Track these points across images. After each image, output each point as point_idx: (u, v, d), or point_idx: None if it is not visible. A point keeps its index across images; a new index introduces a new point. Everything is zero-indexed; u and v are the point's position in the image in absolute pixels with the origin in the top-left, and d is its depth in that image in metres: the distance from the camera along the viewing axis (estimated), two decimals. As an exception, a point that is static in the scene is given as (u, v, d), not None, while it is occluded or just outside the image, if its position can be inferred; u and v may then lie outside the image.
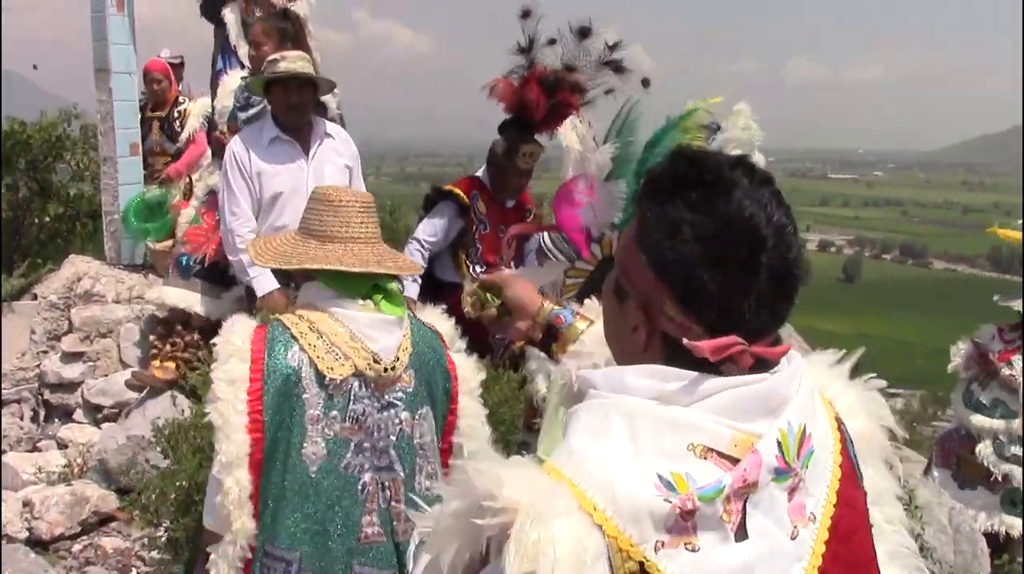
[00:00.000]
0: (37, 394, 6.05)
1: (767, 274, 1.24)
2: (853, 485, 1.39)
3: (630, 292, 1.32)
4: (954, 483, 6.11)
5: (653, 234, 1.27)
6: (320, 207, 2.55)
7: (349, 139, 5.18)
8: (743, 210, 1.25)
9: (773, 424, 1.25)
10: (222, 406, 2.36)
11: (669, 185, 1.29)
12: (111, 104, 6.51)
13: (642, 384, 1.26)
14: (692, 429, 1.21)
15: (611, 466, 1.18)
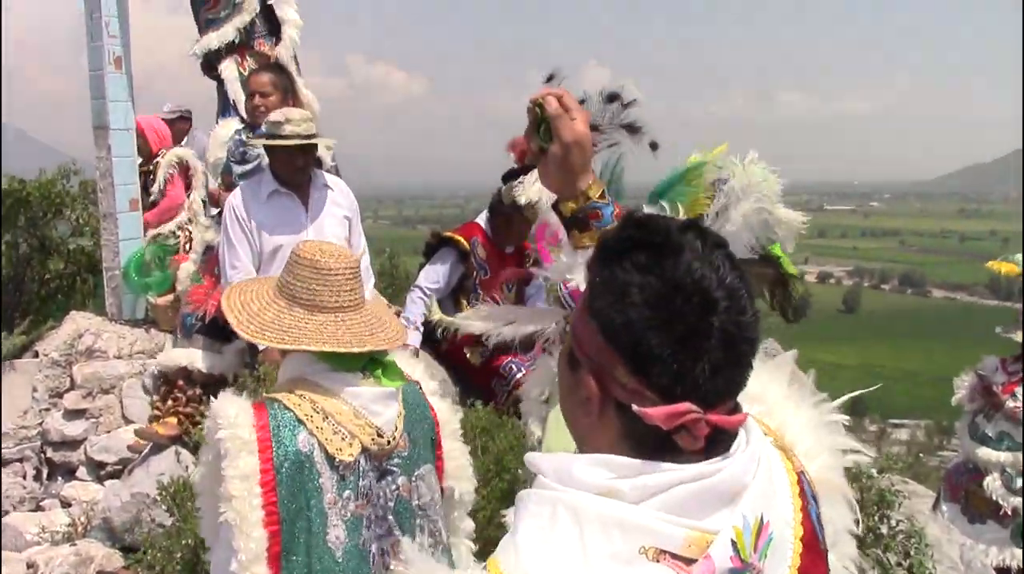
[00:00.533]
0: (39, 452, 6.03)
1: (719, 337, 1.20)
2: (814, 554, 1.35)
3: (582, 360, 1.28)
4: (963, 517, 6.08)
5: (601, 298, 1.25)
6: (307, 274, 2.47)
7: (348, 190, 5.22)
8: (692, 272, 1.22)
9: (728, 519, 1.21)
10: (238, 504, 2.28)
11: (617, 248, 1.27)
12: (110, 161, 6.54)
13: (589, 477, 1.21)
14: (643, 531, 1.16)
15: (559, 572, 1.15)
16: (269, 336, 2.42)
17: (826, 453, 1.53)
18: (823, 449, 1.54)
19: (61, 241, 8.55)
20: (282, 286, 2.52)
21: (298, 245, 2.55)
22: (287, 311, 2.47)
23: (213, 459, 2.39)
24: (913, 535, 3.84)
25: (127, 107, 6.64)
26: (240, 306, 2.51)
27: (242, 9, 6.19)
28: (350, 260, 2.52)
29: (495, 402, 5.06)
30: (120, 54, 6.55)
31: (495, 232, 5.53)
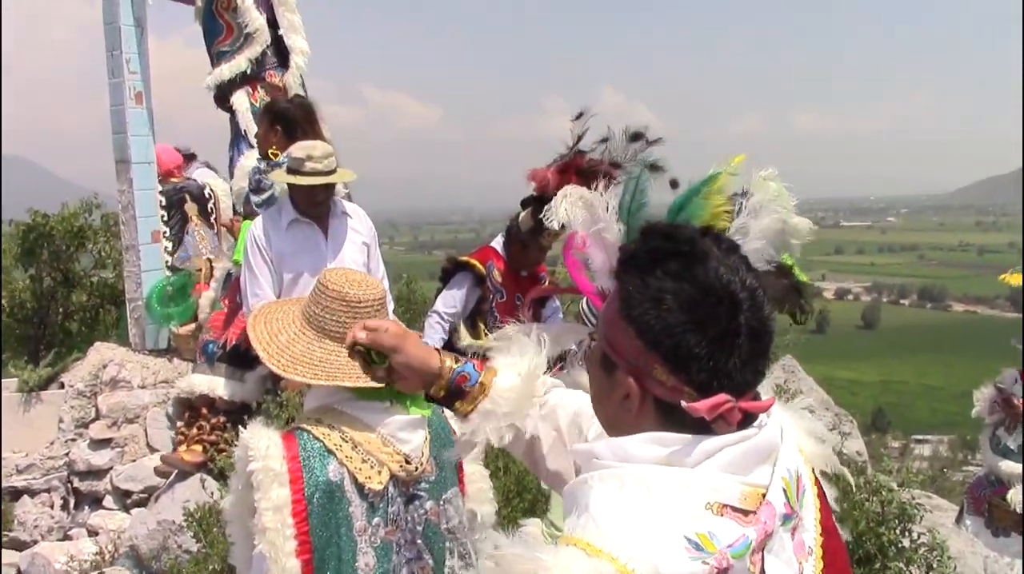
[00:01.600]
0: (66, 482, 6.09)
1: (746, 334, 1.34)
2: (828, 510, 1.49)
3: (618, 363, 1.40)
4: (987, 531, 6.06)
5: (638, 306, 1.36)
6: (336, 306, 2.46)
7: (366, 216, 5.27)
8: (720, 277, 1.35)
9: (773, 473, 1.34)
10: (272, 535, 2.31)
11: (647, 259, 1.39)
12: (132, 194, 6.65)
13: (646, 451, 1.33)
14: (705, 488, 1.29)
15: (642, 535, 1.23)
16: (302, 371, 2.40)
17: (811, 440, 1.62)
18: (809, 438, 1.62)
19: (84, 274, 8.66)
20: (309, 317, 2.51)
21: (324, 274, 2.54)
22: (316, 343, 2.46)
23: (243, 489, 2.42)
24: (935, 548, 3.84)
25: (148, 141, 6.75)
26: (268, 337, 2.51)
27: (253, 40, 6.29)
28: (377, 290, 2.52)
29: (515, 424, 5.09)
30: (140, 89, 6.67)
31: (511, 257, 5.57)
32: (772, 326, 1.39)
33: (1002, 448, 6.13)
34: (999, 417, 6.20)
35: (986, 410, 6.30)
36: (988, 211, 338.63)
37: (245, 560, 2.52)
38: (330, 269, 2.60)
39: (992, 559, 4.88)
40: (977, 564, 4.70)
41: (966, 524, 6.10)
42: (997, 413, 6.21)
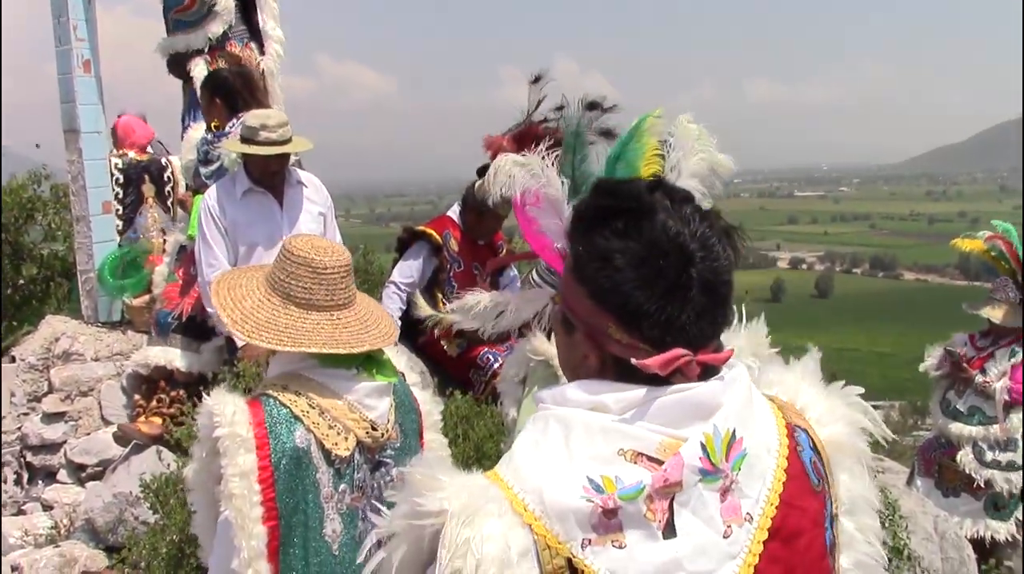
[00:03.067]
0: (19, 457, 6.01)
1: (699, 286, 1.33)
2: (805, 489, 1.44)
3: (575, 323, 1.41)
4: (937, 491, 6.20)
5: (587, 266, 1.36)
6: (302, 273, 2.45)
7: (321, 186, 5.23)
8: (668, 230, 1.34)
9: (700, 428, 1.33)
10: (238, 502, 2.30)
11: (594, 218, 1.39)
12: (81, 164, 6.52)
13: (580, 396, 1.36)
14: (622, 435, 1.30)
15: (544, 470, 1.29)
16: (267, 337, 2.40)
17: (841, 422, 1.59)
18: (838, 419, 1.59)
19: (34, 246, 8.49)
20: (274, 283, 2.49)
21: (290, 240, 2.53)
22: (282, 309, 2.45)
23: (208, 456, 2.41)
24: (888, 508, 3.92)
25: (97, 110, 6.62)
26: (232, 303, 2.49)
27: (216, 16, 6.12)
28: (343, 257, 2.51)
29: (473, 392, 5.11)
30: (89, 57, 6.52)
31: (467, 225, 5.57)
32: (728, 276, 1.38)
33: (952, 410, 6.26)
34: (950, 380, 6.33)
35: (935, 366, 6.42)
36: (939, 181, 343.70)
37: (208, 528, 2.52)
38: (295, 235, 2.59)
39: (942, 518, 4.99)
40: (928, 523, 4.80)
41: (917, 485, 6.23)
42: (945, 369, 6.33)
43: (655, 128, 2.94)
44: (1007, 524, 6.02)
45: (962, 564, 4.78)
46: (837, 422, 1.59)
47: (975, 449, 6.09)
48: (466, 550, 1.22)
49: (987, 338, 6.26)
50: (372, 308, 2.60)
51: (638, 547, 1.27)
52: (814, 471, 1.47)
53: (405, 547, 1.32)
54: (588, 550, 1.25)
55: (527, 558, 1.24)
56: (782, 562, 1.38)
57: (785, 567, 1.38)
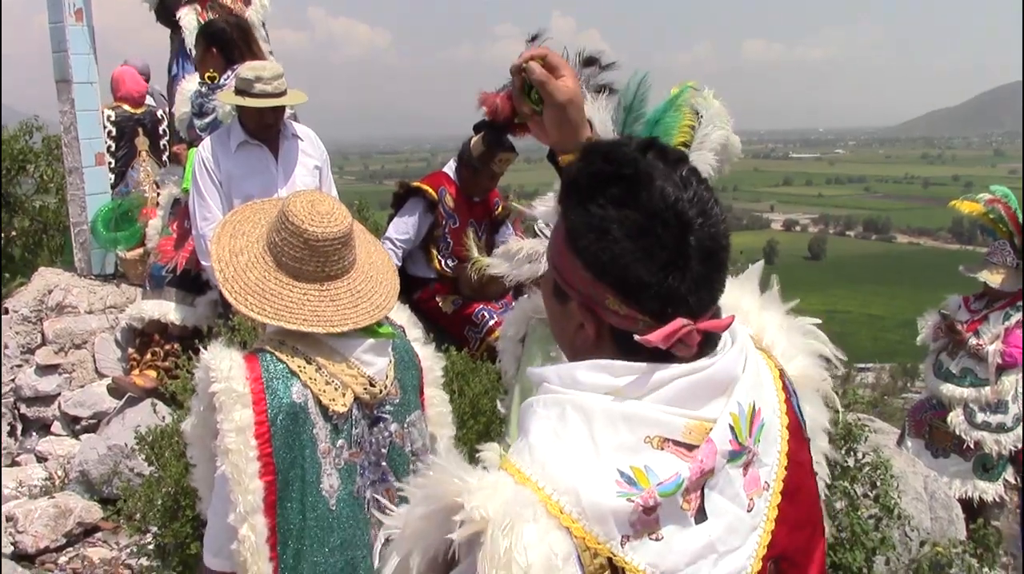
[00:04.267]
0: (13, 409, 6.02)
1: (699, 253, 1.28)
2: (799, 441, 1.46)
3: (570, 294, 1.35)
4: (927, 452, 6.24)
5: (583, 237, 1.30)
6: (293, 241, 2.39)
7: (317, 140, 5.19)
8: (666, 197, 1.28)
9: (724, 407, 1.30)
10: (235, 457, 2.29)
11: (588, 185, 1.32)
12: (73, 115, 6.46)
13: (594, 380, 1.29)
14: (647, 422, 1.25)
15: (573, 467, 1.22)
16: (251, 303, 2.37)
17: (801, 354, 1.60)
18: (798, 350, 1.60)
19: (26, 198, 8.44)
20: (270, 244, 2.44)
21: (290, 200, 2.45)
22: (272, 273, 2.42)
23: (205, 410, 2.39)
24: (879, 467, 3.94)
25: (89, 60, 6.54)
26: (229, 256, 2.45)
27: None
28: (343, 224, 2.42)
29: (468, 349, 5.11)
30: (80, 6, 6.43)
31: (463, 182, 5.54)
32: (727, 241, 1.34)
33: (944, 372, 6.28)
34: (943, 343, 6.35)
35: (930, 336, 6.44)
36: (934, 144, 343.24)
37: (206, 482, 2.51)
38: (298, 194, 2.49)
39: (932, 478, 5.03)
40: (918, 483, 4.84)
41: (907, 445, 6.27)
42: (941, 339, 6.35)
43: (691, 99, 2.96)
44: (995, 485, 6.07)
45: (951, 523, 4.82)
46: (798, 355, 1.60)
47: (966, 411, 6.12)
48: (509, 559, 1.16)
49: (981, 301, 6.27)
50: (372, 273, 2.54)
51: (675, 537, 1.25)
52: (801, 417, 1.49)
53: (425, 549, 1.26)
54: (627, 546, 1.22)
55: (570, 562, 1.19)
56: (789, 520, 1.39)
57: (791, 524, 1.39)
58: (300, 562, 2.43)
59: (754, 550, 1.34)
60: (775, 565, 1.38)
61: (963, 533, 4.79)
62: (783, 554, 1.39)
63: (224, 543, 2.38)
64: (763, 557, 1.35)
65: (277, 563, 2.40)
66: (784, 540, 1.38)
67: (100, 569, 4.62)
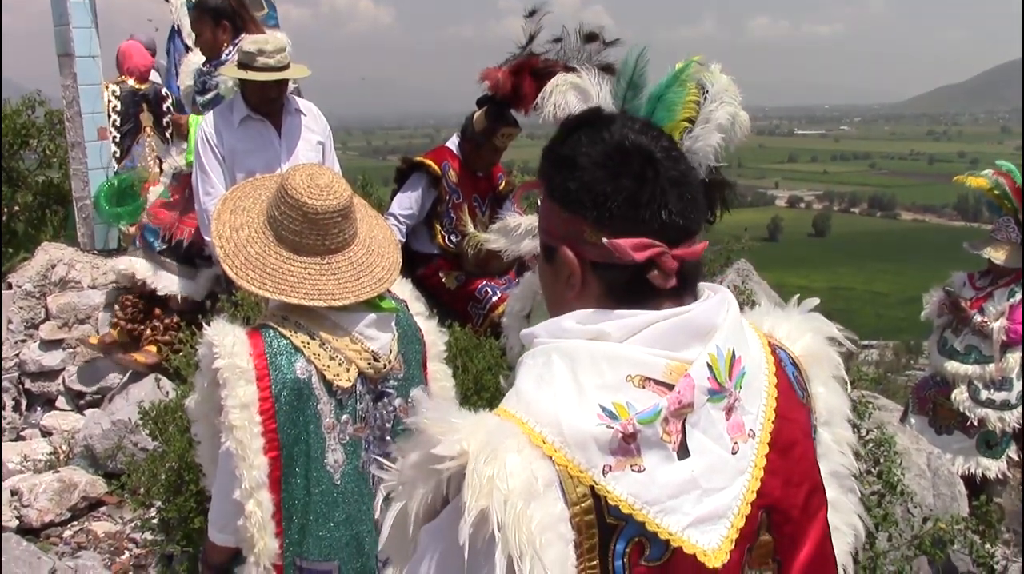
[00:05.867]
0: (18, 383, 6.03)
1: (666, 183, 1.35)
2: (793, 401, 1.48)
3: (554, 244, 1.41)
4: (931, 429, 6.24)
5: (555, 178, 1.39)
6: (292, 214, 2.40)
7: (320, 115, 5.16)
8: (627, 135, 1.38)
9: (703, 350, 1.34)
10: (239, 433, 2.30)
11: (559, 136, 1.43)
12: (76, 89, 6.44)
13: (578, 326, 1.35)
14: (628, 362, 1.30)
15: (556, 403, 1.27)
16: (251, 278, 2.38)
17: (810, 334, 1.62)
18: (806, 330, 1.62)
19: (29, 173, 8.42)
20: (270, 218, 2.45)
21: (289, 174, 2.45)
22: (272, 247, 2.42)
23: (209, 386, 2.40)
24: (883, 443, 3.94)
25: (91, 33, 6.51)
26: (229, 231, 2.45)
27: None
28: (342, 198, 2.42)
29: (471, 325, 5.10)
30: (81, -21, 6.40)
31: (466, 157, 5.51)
32: (695, 180, 1.40)
33: (948, 349, 6.26)
34: (947, 319, 6.33)
35: (935, 313, 6.43)
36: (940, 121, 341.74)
37: (211, 458, 2.52)
38: (297, 168, 2.49)
39: (935, 455, 5.02)
40: (921, 460, 4.83)
41: (911, 422, 6.27)
42: (945, 316, 6.34)
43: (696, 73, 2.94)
44: (998, 462, 6.07)
45: (953, 500, 4.82)
46: (805, 334, 1.62)
47: (970, 388, 6.11)
48: (491, 487, 1.19)
49: (986, 278, 6.25)
50: (374, 247, 2.54)
51: (657, 470, 1.28)
52: (798, 385, 1.52)
53: (421, 493, 1.29)
54: (609, 476, 1.25)
55: (552, 488, 1.23)
56: (781, 473, 1.41)
57: (784, 478, 1.41)
58: (305, 537, 2.44)
59: (741, 493, 1.35)
60: (767, 515, 1.40)
61: (966, 510, 4.80)
62: (775, 506, 1.40)
63: (229, 518, 2.40)
64: (752, 502, 1.36)
65: (283, 538, 2.41)
66: (776, 492, 1.40)
67: (104, 543, 4.64)
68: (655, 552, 1.27)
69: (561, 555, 1.22)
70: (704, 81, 2.85)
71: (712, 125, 2.86)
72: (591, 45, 3.50)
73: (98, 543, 4.64)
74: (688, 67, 2.85)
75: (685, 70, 2.84)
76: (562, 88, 2.96)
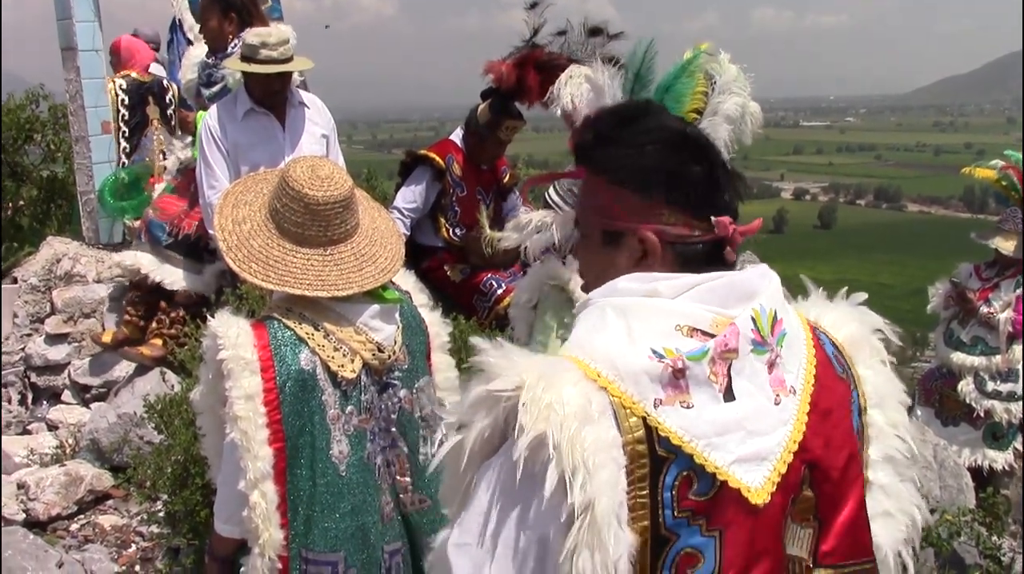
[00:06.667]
0: (23, 377, 6.03)
1: (721, 168, 1.49)
2: (832, 374, 1.52)
3: (624, 230, 1.48)
4: (937, 420, 6.24)
5: (623, 165, 1.47)
6: (294, 206, 2.40)
7: (324, 108, 5.16)
8: (684, 125, 1.55)
9: (747, 307, 1.42)
10: (244, 424, 2.30)
11: (613, 127, 1.52)
12: (79, 83, 6.42)
13: (632, 285, 1.43)
14: (677, 314, 1.39)
15: (609, 344, 1.36)
16: (255, 270, 2.38)
17: (855, 323, 1.67)
18: (850, 320, 1.67)
19: (33, 167, 8.42)
20: (273, 211, 2.45)
21: (290, 166, 2.45)
22: (276, 240, 2.42)
23: (213, 378, 2.40)
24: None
25: (94, 27, 6.50)
26: (232, 224, 2.46)
27: None
28: (343, 188, 2.43)
29: (477, 318, 5.10)
30: (84, -27, 6.39)
31: (470, 150, 5.49)
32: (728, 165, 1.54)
33: (955, 341, 6.25)
34: (953, 311, 6.32)
35: (941, 305, 6.41)
36: (946, 112, 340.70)
37: (217, 450, 2.52)
38: (298, 159, 2.51)
39: (942, 447, 5.02)
40: (927, 452, 4.83)
41: (917, 414, 6.26)
42: (952, 307, 6.32)
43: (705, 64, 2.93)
44: (1005, 454, 6.06)
45: (960, 492, 4.82)
46: (851, 323, 1.66)
47: (976, 379, 6.10)
48: (549, 412, 1.26)
49: (992, 269, 6.24)
50: (377, 237, 2.54)
51: (704, 408, 1.34)
52: (837, 362, 1.56)
53: (480, 426, 1.34)
54: (660, 409, 1.32)
55: (606, 415, 1.29)
56: (822, 435, 1.46)
57: (824, 439, 1.46)
58: (311, 528, 2.44)
59: (783, 441, 1.41)
60: (810, 470, 1.45)
61: (972, 502, 4.79)
62: (817, 463, 1.45)
63: (234, 510, 2.40)
64: (795, 454, 1.42)
65: (288, 529, 2.41)
66: (818, 450, 1.45)
67: (111, 536, 4.65)
68: (702, 486, 1.32)
69: (613, 478, 1.27)
70: (712, 72, 2.84)
71: (720, 117, 2.85)
72: (595, 38, 3.49)
73: (105, 536, 4.65)
74: (697, 57, 2.83)
75: (694, 60, 2.82)
76: (577, 80, 2.96)
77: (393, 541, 2.59)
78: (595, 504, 1.24)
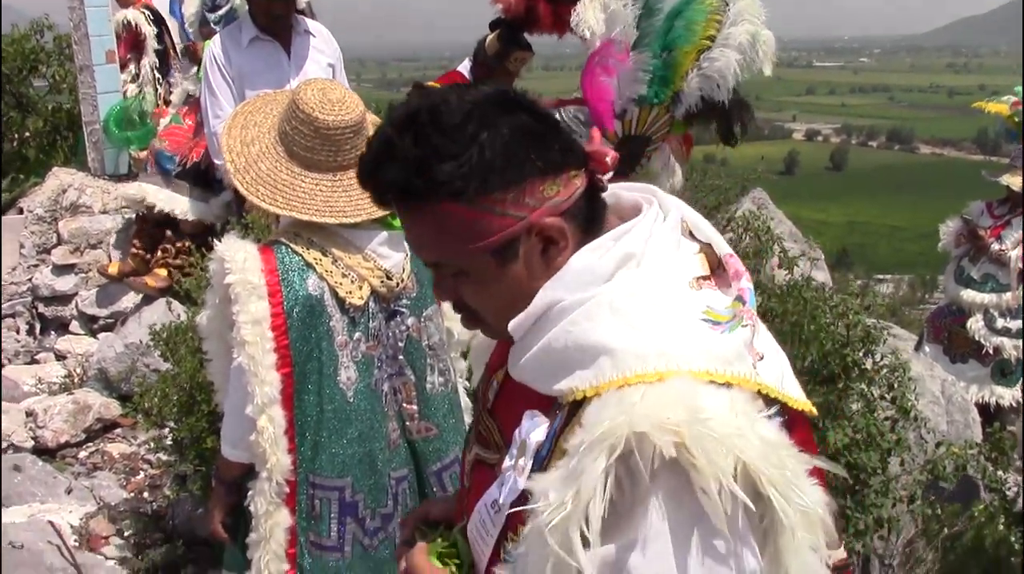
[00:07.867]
0: (31, 307, 6.05)
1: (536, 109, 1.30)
2: None
3: (516, 234, 1.27)
4: (945, 357, 6.23)
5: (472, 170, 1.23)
6: (304, 130, 2.34)
7: (331, 36, 5.07)
8: (466, 96, 1.27)
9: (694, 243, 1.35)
10: (251, 349, 2.28)
11: (426, 152, 1.24)
12: (83, 11, 6.34)
13: (600, 263, 1.26)
14: (677, 270, 1.28)
15: (675, 338, 1.19)
16: (263, 194, 2.34)
17: None
18: None
19: (39, 98, 8.36)
20: (282, 133, 2.40)
21: (301, 88, 2.38)
22: (284, 163, 2.38)
23: (221, 302, 2.38)
24: (897, 369, 3.91)
25: (97, -46, 6.40)
26: (240, 146, 2.40)
27: None
28: (354, 113, 2.37)
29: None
30: (85, -102, 6.28)
31: (477, 81, 5.42)
32: None
33: (965, 278, 6.23)
34: (964, 249, 6.28)
35: (952, 243, 6.37)
36: (961, 53, 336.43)
37: (223, 375, 2.51)
38: (308, 82, 2.43)
39: (949, 382, 5.00)
40: (935, 387, 4.81)
41: (925, 350, 6.26)
42: (963, 245, 6.28)
43: None
44: (1012, 390, 6.07)
45: (967, 427, 4.81)
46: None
47: (986, 316, 6.09)
48: (731, 445, 1.10)
49: (1004, 206, 6.19)
50: None
51: (766, 355, 1.29)
52: None
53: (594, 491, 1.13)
54: (759, 367, 1.24)
55: (749, 403, 1.18)
56: None
57: None
58: (318, 453, 2.44)
59: None
60: None
61: (979, 437, 4.79)
62: None
63: (241, 434, 2.39)
64: None
65: (295, 454, 2.41)
66: None
67: (119, 463, 4.69)
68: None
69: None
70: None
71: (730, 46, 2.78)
72: None
73: (113, 464, 4.69)
74: None
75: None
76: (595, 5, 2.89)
77: (399, 468, 2.59)
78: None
